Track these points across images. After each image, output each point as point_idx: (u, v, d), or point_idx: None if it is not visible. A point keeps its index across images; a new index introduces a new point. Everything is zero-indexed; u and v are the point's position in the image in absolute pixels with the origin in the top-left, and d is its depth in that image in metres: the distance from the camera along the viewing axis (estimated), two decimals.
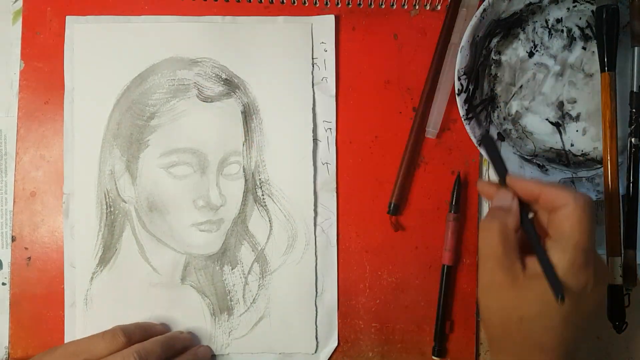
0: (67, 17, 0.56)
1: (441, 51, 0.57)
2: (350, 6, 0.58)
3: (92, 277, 0.55)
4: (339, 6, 0.57)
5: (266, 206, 0.56)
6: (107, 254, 0.56)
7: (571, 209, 0.42)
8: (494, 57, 0.58)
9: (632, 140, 0.53)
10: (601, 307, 0.47)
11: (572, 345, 0.43)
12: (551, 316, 0.42)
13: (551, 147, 0.58)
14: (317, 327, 0.56)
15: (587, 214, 0.42)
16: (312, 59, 0.57)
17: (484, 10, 0.54)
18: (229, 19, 0.57)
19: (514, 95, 0.58)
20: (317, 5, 0.57)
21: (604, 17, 0.53)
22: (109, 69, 0.56)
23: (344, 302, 0.57)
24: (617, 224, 0.52)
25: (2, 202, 0.56)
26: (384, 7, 0.58)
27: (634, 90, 0.53)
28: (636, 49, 0.54)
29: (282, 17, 0.57)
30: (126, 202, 0.56)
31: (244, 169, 0.56)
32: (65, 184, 0.56)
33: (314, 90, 0.57)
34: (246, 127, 0.56)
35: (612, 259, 0.51)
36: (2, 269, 0.56)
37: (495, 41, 0.57)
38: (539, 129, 0.58)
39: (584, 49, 0.57)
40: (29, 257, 0.56)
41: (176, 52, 0.56)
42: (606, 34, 0.53)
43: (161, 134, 0.56)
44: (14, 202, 0.56)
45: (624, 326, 0.51)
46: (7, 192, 0.56)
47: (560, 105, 0.58)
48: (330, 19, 0.57)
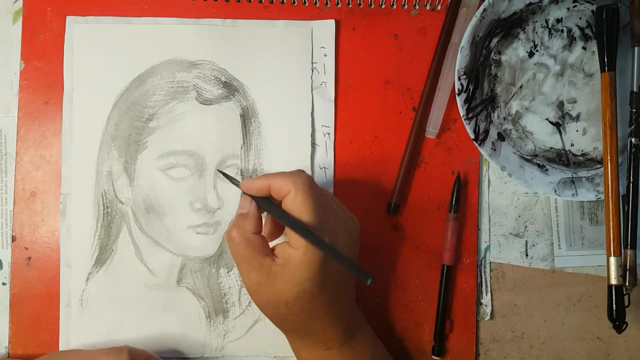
0: (67, 18, 0.56)
1: (441, 51, 0.57)
2: (350, 6, 0.58)
3: (87, 278, 0.55)
4: (339, 6, 0.57)
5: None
6: (103, 254, 0.56)
7: (293, 194, 0.45)
8: (494, 57, 0.57)
9: (632, 140, 0.53)
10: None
11: (337, 304, 0.48)
12: (308, 291, 0.45)
13: (551, 147, 0.58)
14: None
15: (309, 194, 0.45)
16: (312, 63, 0.57)
17: (484, 10, 0.54)
18: (229, 22, 0.57)
19: (514, 95, 0.58)
20: (317, 5, 0.57)
21: (604, 17, 0.53)
22: (108, 69, 0.56)
23: None
24: (617, 224, 0.52)
25: (2, 202, 0.56)
26: (384, 7, 0.58)
27: (634, 90, 0.53)
28: (636, 49, 0.53)
29: (282, 21, 0.57)
30: (123, 204, 0.56)
31: (242, 172, 0.56)
32: (62, 184, 0.56)
33: (312, 94, 0.57)
34: (244, 131, 0.56)
35: (612, 259, 0.51)
36: (2, 269, 0.56)
37: (495, 41, 0.57)
38: (539, 129, 0.58)
39: (584, 49, 0.57)
40: (29, 257, 0.56)
41: (176, 54, 0.56)
42: (606, 34, 0.53)
43: (159, 135, 0.56)
44: (14, 202, 0.56)
45: (624, 326, 0.51)
46: (7, 192, 0.56)
47: (560, 105, 0.58)
48: (330, 24, 0.57)
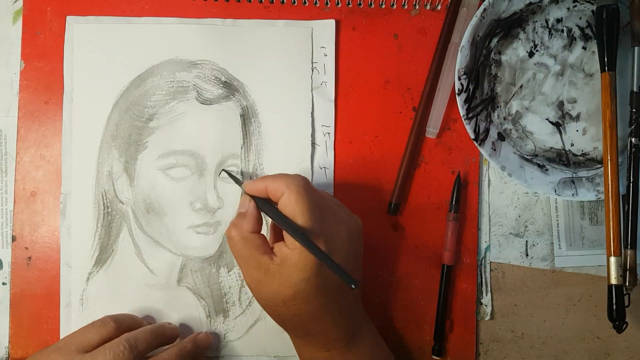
0: (67, 18, 0.56)
1: (441, 51, 0.57)
2: (350, 6, 0.58)
3: (88, 278, 0.55)
4: (339, 6, 0.57)
5: None
6: (103, 254, 0.56)
7: (287, 195, 0.45)
8: (494, 57, 0.57)
9: (632, 140, 0.53)
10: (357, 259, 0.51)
11: (337, 306, 0.48)
12: (305, 292, 0.46)
13: (551, 147, 0.58)
14: None
15: (302, 195, 0.45)
16: (312, 63, 0.57)
17: (484, 10, 0.54)
18: (229, 21, 0.57)
19: (514, 95, 0.58)
20: (317, 5, 0.57)
21: (604, 17, 0.53)
22: (108, 69, 0.56)
23: None
24: (617, 224, 0.52)
25: (2, 202, 0.56)
26: (384, 7, 0.58)
27: (634, 90, 0.53)
28: (636, 49, 0.53)
29: (282, 21, 0.57)
30: (123, 203, 0.56)
31: (242, 172, 0.56)
32: (63, 184, 0.56)
33: (312, 94, 0.57)
34: (245, 130, 0.56)
35: (612, 259, 0.51)
36: (2, 268, 0.56)
37: (495, 41, 0.57)
38: (539, 128, 0.58)
39: (584, 48, 0.57)
40: (29, 257, 0.56)
41: (176, 53, 0.56)
42: (606, 34, 0.53)
43: (160, 135, 0.56)
44: (14, 202, 0.56)
45: (624, 326, 0.51)
46: (8, 192, 0.56)
47: (560, 105, 0.58)
48: (330, 24, 0.57)
